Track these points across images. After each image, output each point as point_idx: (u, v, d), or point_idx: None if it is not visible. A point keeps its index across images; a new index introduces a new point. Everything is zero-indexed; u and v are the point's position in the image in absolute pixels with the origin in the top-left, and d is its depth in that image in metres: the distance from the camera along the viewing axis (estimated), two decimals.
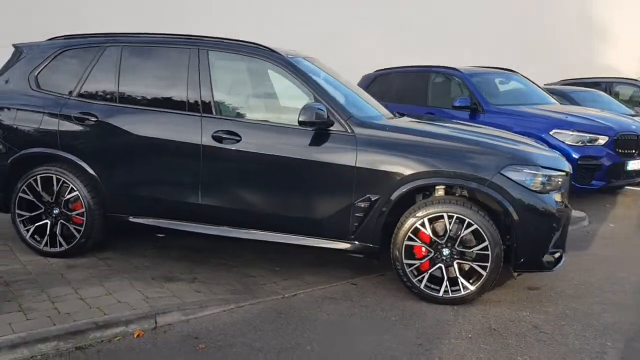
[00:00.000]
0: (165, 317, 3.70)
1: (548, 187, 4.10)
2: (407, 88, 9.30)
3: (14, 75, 4.82)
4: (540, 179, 4.05)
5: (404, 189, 4.06)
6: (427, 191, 4.22)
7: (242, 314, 3.89)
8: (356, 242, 4.22)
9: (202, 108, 4.36)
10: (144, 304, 3.81)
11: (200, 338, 3.52)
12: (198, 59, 4.44)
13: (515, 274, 4.28)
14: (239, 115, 4.45)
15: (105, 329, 3.49)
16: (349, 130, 4.15)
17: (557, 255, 4.21)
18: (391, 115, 5.06)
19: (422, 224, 4.04)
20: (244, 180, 4.34)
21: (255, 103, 4.63)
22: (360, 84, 9.91)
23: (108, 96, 4.57)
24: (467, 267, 4.05)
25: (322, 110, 4.05)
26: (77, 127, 4.53)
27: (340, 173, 4.13)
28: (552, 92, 9.70)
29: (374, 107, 5.05)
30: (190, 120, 4.35)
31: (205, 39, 4.57)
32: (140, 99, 4.54)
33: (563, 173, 4.26)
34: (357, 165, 4.10)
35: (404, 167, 4.06)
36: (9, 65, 4.90)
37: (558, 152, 4.72)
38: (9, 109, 4.71)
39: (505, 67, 9.39)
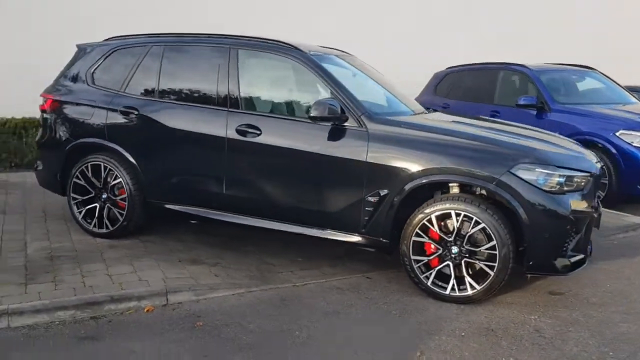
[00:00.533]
0: (176, 296, 4.00)
1: (566, 188, 3.95)
2: (475, 86, 9.11)
3: (75, 73, 5.35)
4: (557, 179, 3.90)
5: (412, 184, 4.07)
6: (445, 188, 4.20)
7: (250, 298, 4.09)
8: (367, 236, 4.29)
9: (229, 103, 4.62)
10: (162, 283, 4.12)
11: (202, 317, 3.77)
12: (229, 57, 4.71)
13: (529, 276, 4.14)
14: (261, 110, 4.65)
15: (120, 302, 3.84)
16: (362, 126, 4.23)
17: (575, 259, 4.04)
18: (423, 111, 5.07)
19: (430, 221, 4.04)
20: (262, 173, 4.54)
21: (277, 98, 4.81)
22: (431, 82, 9.86)
23: (149, 91, 4.96)
24: (476, 267, 3.99)
25: (334, 105, 4.15)
26: (121, 120, 4.96)
27: (352, 167, 4.22)
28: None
29: (404, 103, 5.08)
30: (218, 115, 4.62)
31: (235, 37, 4.82)
32: (176, 94, 4.89)
33: (586, 174, 4.08)
34: (368, 160, 4.17)
35: (412, 164, 4.08)
36: (71, 63, 5.44)
37: (586, 153, 4.48)
38: (68, 102, 5.24)
39: (588, 65, 8.87)
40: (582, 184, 4.05)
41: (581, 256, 4.10)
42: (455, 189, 4.13)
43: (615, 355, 3.39)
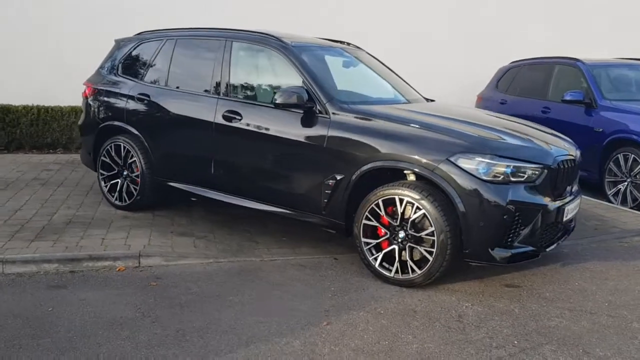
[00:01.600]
0: (148, 260, 4.51)
1: (513, 179, 3.93)
2: (531, 81, 8.84)
3: (109, 64, 6.08)
4: (501, 169, 3.90)
5: (362, 169, 4.25)
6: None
7: (214, 267, 4.51)
8: (327, 217, 4.53)
9: (220, 91, 5.06)
10: (141, 248, 4.66)
11: (161, 279, 4.25)
12: (224, 49, 5.15)
13: (472, 264, 4.16)
14: (245, 97, 5.04)
15: (97, 261, 4.43)
16: (326, 114, 4.47)
17: (520, 251, 4.00)
18: (418, 100, 5.23)
19: (378, 205, 4.19)
20: (242, 155, 4.93)
21: (259, 86, 5.15)
22: (494, 77, 9.67)
23: (159, 80, 5.54)
24: (420, 251, 4.09)
25: (297, 93, 4.42)
26: (137, 106, 5.60)
27: (315, 152, 4.48)
28: None
29: (400, 93, 5.32)
30: (210, 102, 5.08)
31: (231, 30, 5.26)
32: (180, 82, 5.42)
33: (537, 166, 4.01)
34: (327, 145, 4.41)
35: (363, 150, 4.26)
36: (109, 56, 6.19)
37: (552, 145, 4.34)
38: (101, 90, 5.97)
39: None
40: (534, 175, 3.99)
41: (529, 249, 4.04)
42: (411, 177, 4.24)
43: (518, 345, 3.37)
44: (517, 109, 8.75)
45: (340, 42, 5.94)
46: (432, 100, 5.57)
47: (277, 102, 4.48)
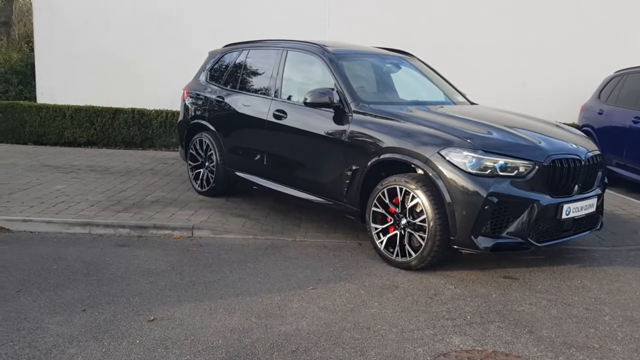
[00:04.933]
0: (199, 232, 5.42)
1: (502, 173, 4.21)
2: (630, 90, 8.49)
3: (201, 72, 7.19)
4: (489, 163, 4.20)
5: (372, 161, 4.77)
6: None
7: (250, 242, 5.28)
8: (347, 205, 5.09)
9: (274, 93, 5.86)
10: (197, 222, 5.57)
11: (203, 246, 5.11)
12: (281, 57, 5.95)
13: (463, 252, 4.45)
14: (290, 98, 5.76)
15: (159, 229, 5.43)
16: (350, 112, 5.06)
17: (506, 241, 4.24)
18: (464, 102, 5.65)
19: (384, 194, 4.68)
20: (285, 148, 5.66)
21: (303, 88, 5.79)
22: (599, 86, 9.44)
23: (233, 84, 6.49)
24: (417, 237, 4.50)
25: (325, 94, 5.06)
26: (215, 106, 6.59)
27: (339, 146, 5.07)
28: None
29: (447, 96, 5.82)
30: (266, 102, 5.89)
31: (289, 41, 6.04)
32: (247, 86, 6.31)
33: (528, 162, 4.24)
34: (347, 140, 4.99)
35: (374, 144, 4.77)
36: (204, 65, 7.29)
37: (541, 143, 4.45)
38: (192, 93, 7.08)
39: None
40: (523, 171, 4.22)
41: (517, 240, 4.26)
42: (419, 170, 4.66)
43: (469, 320, 3.68)
44: (611, 119, 8.52)
45: (398, 50, 6.45)
46: (475, 104, 5.86)
47: (307, 101, 5.14)
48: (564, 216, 4.39)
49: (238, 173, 6.32)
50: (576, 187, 4.52)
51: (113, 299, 3.86)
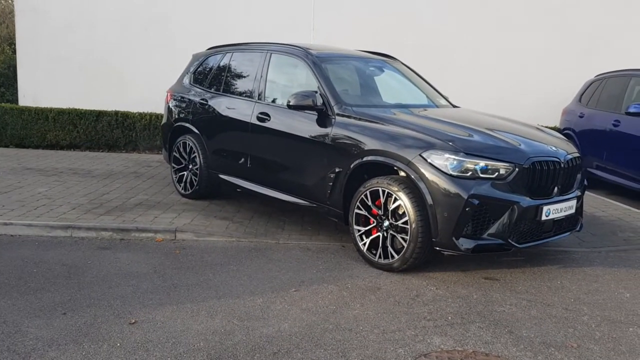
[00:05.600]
0: (182, 235, 5.40)
1: (483, 175, 4.25)
2: (608, 95, 8.65)
3: (185, 74, 7.17)
4: (470, 165, 4.24)
5: (355, 163, 4.79)
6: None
7: (233, 245, 5.27)
8: (330, 207, 5.10)
9: (257, 95, 5.86)
10: (179, 225, 5.55)
11: (186, 249, 5.10)
12: (265, 60, 5.96)
13: (444, 254, 4.49)
14: (274, 100, 5.77)
15: (142, 232, 5.40)
16: (333, 115, 5.08)
17: (487, 242, 4.28)
18: (447, 105, 5.69)
19: (366, 196, 4.70)
20: (268, 151, 5.66)
21: (287, 91, 5.81)
22: (580, 90, 9.55)
23: (217, 87, 6.48)
24: (399, 239, 4.53)
25: (307, 96, 5.07)
26: (198, 109, 6.58)
27: (322, 148, 5.08)
28: None
29: (430, 99, 5.90)
30: (249, 104, 5.90)
31: (273, 44, 6.05)
32: (231, 88, 6.31)
33: (507, 164, 4.28)
34: (330, 142, 5.00)
35: (355, 146, 4.79)
36: (187, 67, 7.27)
37: (521, 145, 4.50)
38: (176, 95, 7.06)
39: None
40: (503, 173, 4.27)
41: (497, 241, 4.30)
42: (402, 172, 4.69)
43: (450, 320, 3.71)
44: (591, 122, 8.63)
45: (381, 54, 6.49)
46: (457, 107, 5.92)
47: (290, 104, 5.15)
48: (544, 218, 4.44)
49: (222, 176, 6.32)
50: (556, 189, 4.57)
51: (94, 302, 3.84)
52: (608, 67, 9.41)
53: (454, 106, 6.05)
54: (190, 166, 6.72)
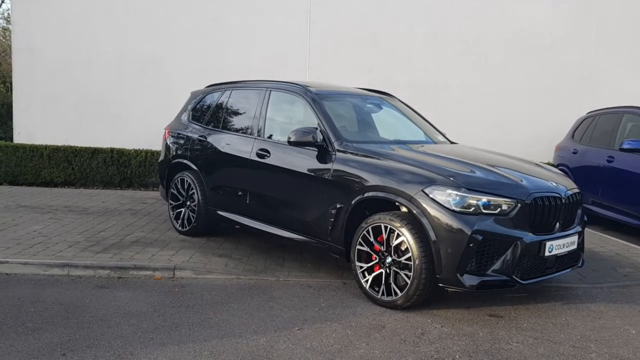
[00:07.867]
0: (181, 272, 5.33)
1: (486, 211, 4.24)
2: (601, 131, 8.76)
3: (183, 111, 7.20)
4: (472, 201, 4.24)
5: (357, 199, 4.78)
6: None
7: (233, 282, 5.20)
8: (331, 243, 5.06)
9: (256, 132, 5.88)
10: (178, 263, 5.48)
11: (185, 287, 5.02)
12: (264, 97, 6.00)
13: (448, 290, 4.45)
14: (272, 137, 5.79)
15: (140, 270, 5.32)
16: (333, 151, 5.09)
17: (492, 279, 4.25)
18: (445, 141, 5.73)
19: (368, 232, 4.68)
20: (268, 187, 5.65)
21: (286, 127, 5.84)
22: (572, 127, 9.67)
23: (215, 124, 6.50)
24: (402, 276, 4.49)
25: (308, 133, 5.09)
26: (197, 146, 6.59)
27: (323, 184, 5.07)
28: None
29: (427, 135, 5.96)
30: (249, 141, 5.91)
31: (271, 82, 6.10)
32: (229, 125, 6.33)
33: (511, 200, 4.29)
34: (331, 178, 5.00)
35: (357, 182, 4.79)
36: (186, 104, 7.31)
37: (523, 181, 4.53)
38: (174, 133, 7.08)
39: None
40: (506, 209, 4.27)
41: (502, 278, 4.27)
42: (403, 208, 4.69)
43: (461, 359, 3.64)
44: (586, 158, 8.70)
45: (378, 91, 6.56)
46: (455, 143, 5.96)
47: (291, 140, 5.16)
48: (547, 253, 4.43)
49: (220, 212, 6.28)
50: (557, 224, 4.58)
51: (94, 343, 3.75)
52: (598, 105, 9.57)
53: (452, 142, 6.10)
54: (188, 203, 6.69)
